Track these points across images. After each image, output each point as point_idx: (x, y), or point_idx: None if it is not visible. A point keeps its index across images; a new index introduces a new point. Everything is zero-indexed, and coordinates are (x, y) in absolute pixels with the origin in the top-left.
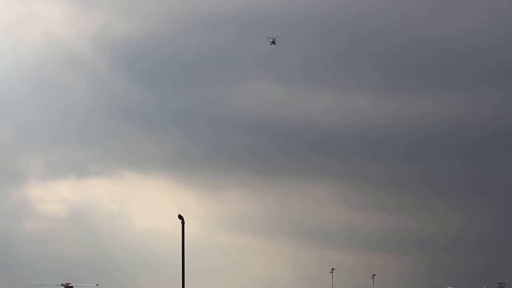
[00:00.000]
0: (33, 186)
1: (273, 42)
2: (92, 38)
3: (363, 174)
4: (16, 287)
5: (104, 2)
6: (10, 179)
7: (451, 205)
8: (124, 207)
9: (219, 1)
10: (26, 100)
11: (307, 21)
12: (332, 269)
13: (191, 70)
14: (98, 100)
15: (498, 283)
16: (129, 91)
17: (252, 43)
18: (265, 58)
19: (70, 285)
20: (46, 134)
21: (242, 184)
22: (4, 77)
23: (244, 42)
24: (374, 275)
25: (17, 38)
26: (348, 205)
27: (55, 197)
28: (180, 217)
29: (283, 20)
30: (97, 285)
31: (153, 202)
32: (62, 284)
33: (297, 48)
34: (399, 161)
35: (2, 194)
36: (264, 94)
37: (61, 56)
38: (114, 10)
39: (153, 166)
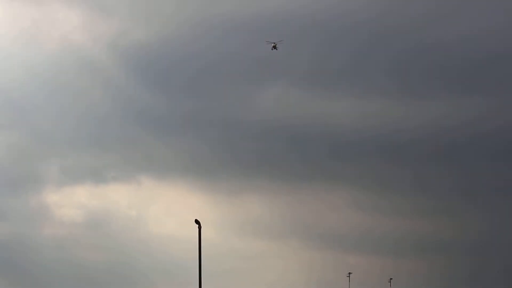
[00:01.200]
0: (51, 191)
1: (275, 47)
2: (108, 45)
3: (379, 178)
4: None
5: (121, 9)
6: (28, 185)
7: (468, 208)
8: (142, 213)
9: (234, 6)
10: (43, 106)
11: (324, 25)
12: (349, 273)
13: (206, 74)
14: (114, 105)
15: None
16: (144, 96)
17: (268, 47)
18: (280, 62)
19: None
20: (63, 139)
21: (258, 189)
22: (22, 83)
23: (259, 47)
24: (391, 278)
25: (34, 45)
26: (364, 210)
27: (72, 202)
28: (197, 222)
29: (299, 25)
30: None
31: (170, 208)
32: None
33: (313, 52)
34: (416, 165)
35: (20, 200)
36: (280, 98)
37: (78, 63)
38: (131, 16)
39: (170, 172)
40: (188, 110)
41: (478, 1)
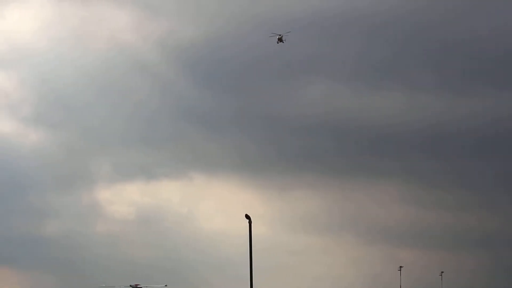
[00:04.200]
0: (102, 189)
1: (280, 40)
2: (156, 43)
3: (422, 173)
4: None
5: (169, 8)
6: (80, 183)
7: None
8: (193, 209)
9: (279, 5)
10: (93, 104)
11: (364, 22)
12: (400, 267)
13: (252, 71)
14: (163, 103)
15: None
16: (192, 94)
17: (312, 43)
18: (325, 57)
19: (139, 286)
20: (113, 137)
21: (305, 185)
22: (72, 82)
23: (304, 43)
24: (442, 272)
25: (84, 45)
26: (409, 204)
27: (124, 199)
28: (247, 217)
29: (339, 22)
30: (165, 286)
31: (220, 204)
32: (130, 286)
33: (354, 48)
34: (459, 159)
35: (73, 198)
36: (324, 94)
37: (127, 61)
38: (179, 15)
39: (220, 168)
40: (235, 106)
41: None
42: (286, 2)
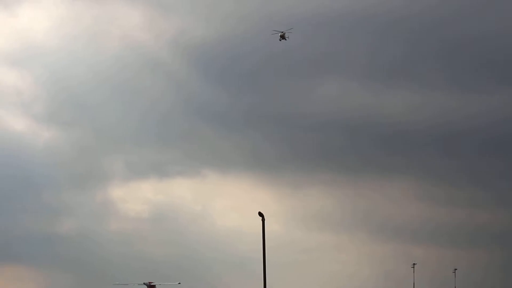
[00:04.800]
0: (116, 187)
1: (283, 37)
2: (169, 42)
3: (435, 170)
4: (99, 286)
5: (181, 7)
6: (94, 181)
7: None
8: (206, 207)
9: (292, 3)
10: (106, 102)
11: (380, 18)
12: (414, 264)
13: (265, 70)
14: (176, 101)
15: None
16: (205, 92)
17: (325, 41)
18: (338, 55)
19: (152, 284)
20: (127, 135)
21: (318, 183)
22: (85, 81)
23: (317, 41)
24: (455, 269)
25: (97, 43)
26: (421, 201)
27: (138, 197)
28: (261, 214)
29: (352, 20)
30: (179, 283)
31: (234, 201)
32: (144, 283)
33: (367, 46)
34: (470, 156)
35: (87, 196)
36: (338, 92)
37: (139, 60)
38: (191, 14)
39: (233, 166)
40: (247, 105)
41: None
42: (298, 1)
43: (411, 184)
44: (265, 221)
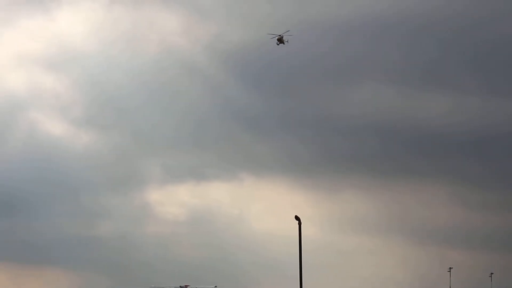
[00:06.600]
0: (154, 190)
1: (281, 41)
2: (205, 46)
3: (468, 174)
4: None
5: (217, 12)
6: (131, 184)
7: None
8: (243, 210)
9: (326, 7)
10: (144, 106)
11: (414, 20)
12: (450, 268)
13: (300, 74)
14: (213, 105)
15: None
16: (241, 96)
17: (359, 44)
18: (372, 58)
19: (188, 287)
20: (164, 139)
21: (353, 186)
22: (123, 85)
23: (351, 45)
24: (492, 273)
25: (134, 48)
26: (460, 205)
27: (175, 201)
28: (297, 218)
29: (384, 22)
30: (215, 286)
31: (270, 205)
32: (180, 286)
33: (403, 47)
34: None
35: (124, 199)
36: (373, 95)
37: (177, 64)
38: (227, 19)
39: (269, 170)
40: (283, 108)
41: None
42: (333, 5)
43: (445, 188)
44: (301, 225)
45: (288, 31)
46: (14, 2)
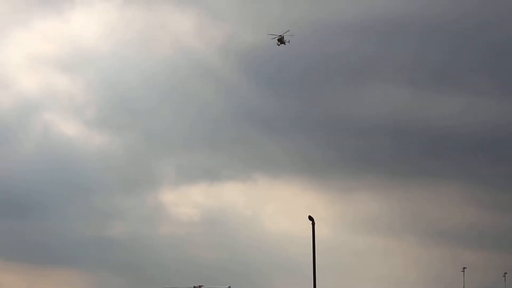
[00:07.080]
0: (167, 191)
1: (281, 41)
2: (219, 47)
3: (481, 174)
4: None
5: (231, 12)
6: (145, 185)
7: None
8: (257, 211)
9: (339, 9)
10: (157, 107)
11: (426, 21)
12: (464, 268)
13: (313, 75)
14: (226, 106)
15: None
16: (255, 97)
17: (371, 45)
18: (385, 59)
19: (202, 287)
20: (177, 140)
21: (366, 187)
22: (136, 86)
23: (365, 45)
24: (505, 273)
25: (148, 49)
26: (473, 206)
27: (188, 201)
28: (311, 218)
29: (397, 22)
30: (229, 287)
31: (284, 206)
32: (194, 287)
33: (415, 48)
34: None
35: (138, 200)
36: (386, 95)
37: (190, 65)
38: (240, 20)
39: (283, 171)
40: (297, 109)
41: None
42: (346, 6)
43: (459, 189)
44: (315, 225)
45: (288, 31)
46: (28, 3)
